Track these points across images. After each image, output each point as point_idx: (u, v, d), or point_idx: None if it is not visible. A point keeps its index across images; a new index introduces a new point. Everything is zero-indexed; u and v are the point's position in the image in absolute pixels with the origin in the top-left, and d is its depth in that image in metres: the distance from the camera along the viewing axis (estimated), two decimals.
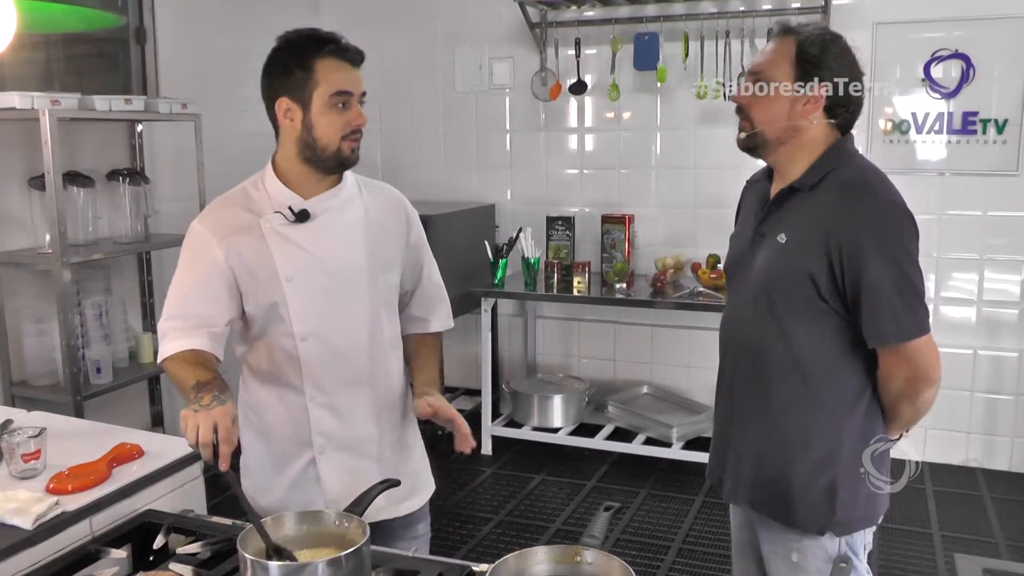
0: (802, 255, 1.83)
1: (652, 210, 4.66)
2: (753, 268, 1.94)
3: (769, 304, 1.89)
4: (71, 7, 1.90)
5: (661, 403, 4.65)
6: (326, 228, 1.98)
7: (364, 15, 5.01)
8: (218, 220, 2.00)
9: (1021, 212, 4.06)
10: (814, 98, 1.85)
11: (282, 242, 1.94)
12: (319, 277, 1.95)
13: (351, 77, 1.95)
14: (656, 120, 4.61)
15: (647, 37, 4.38)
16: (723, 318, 2.15)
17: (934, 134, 4.12)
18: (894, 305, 1.77)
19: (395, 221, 2.10)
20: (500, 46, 4.81)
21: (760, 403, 1.94)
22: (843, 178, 1.85)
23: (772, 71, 1.87)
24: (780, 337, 1.89)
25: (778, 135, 1.89)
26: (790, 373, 1.88)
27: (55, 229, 3.18)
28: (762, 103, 1.89)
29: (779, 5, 4.24)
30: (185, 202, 3.85)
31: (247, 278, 1.94)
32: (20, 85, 3.31)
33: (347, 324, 1.98)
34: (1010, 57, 3.96)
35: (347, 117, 1.94)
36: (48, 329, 3.40)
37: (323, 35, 1.97)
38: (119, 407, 3.73)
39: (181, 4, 4.13)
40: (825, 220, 1.81)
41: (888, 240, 1.78)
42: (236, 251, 1.93)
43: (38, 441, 1.93)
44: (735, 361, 2.05)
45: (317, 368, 1.96)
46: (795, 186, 1.89)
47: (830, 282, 1.80)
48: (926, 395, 1.85)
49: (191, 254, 1.98)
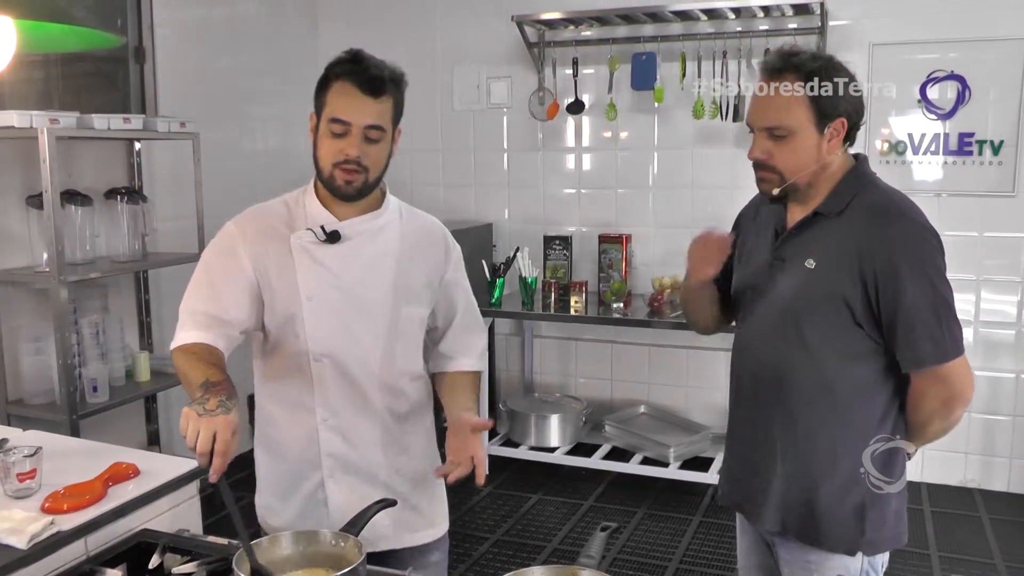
0: (835, 281, 1.82)
1: (649, 230, 4.67)
2: (775, 293, 1.93)
3: (797, 329, 1.87)
4: (70, 27, 1.90)
5: (658, 423, 4.64)
6: (355, 252, 1.95)
7: (362, 34, 5.02)
8: (251, 226, 1.98)
9: (1017, 233, 4.08)
10: (836, 132, 1.84)
11: (308, 260, 1.93)
12: (338, 299, 1.93)
13: (355, 106, 1.87)
14: (653, 140, 4.62)
15: (644, 57, 4.39)
16: (736, 343, 2.09)
17: (930, 155, 4.13)
18: (931, 327, 1.77)
19: (432, 254, 2.06)
20: (498, 65, 4.83)
21: (787, 428, 1.91)
22: (871, 203, 1.84)
23: (789, 122, 1.83)
24: (808, 362, 1.87)
25: (809, 179, 1.87)
26: (819, 397, 1.87)
27: (53, 248, 3.17)
28: (787, 155, 1.86)
29: (776, 26, 4.26)
30: (183, 221, 3.86)
31: (268, 289, 1.93)
32: (19, 103, 3.32)
33: (361, 350, 1.96)
34: (1005, 79, 3.98)
35: (341, 145, 1.88)
36: (45, 347, 3.39)
37: (349, 57, 1.91)
38: (115, 426, 3.72)
39: (180, 23, 4.15)
40: (857, 245, 1.80)
41: (922, 261, 1.79)
42: (262, 260, 1.93)
43: (34, 460, 1.93)
44: (755, 387, 2.00)
45: (330, 389, 1.95)
46: (820, 211, 1.87)
47: (865, 307, 1.80)
48: (958, 413, 1.85)
49: (219, 253, 1.97)
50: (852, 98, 1.85)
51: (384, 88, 1.88)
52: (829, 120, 1.83)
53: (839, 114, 1.83)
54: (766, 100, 1.88)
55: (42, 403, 3.42)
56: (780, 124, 1.84)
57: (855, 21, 4.17)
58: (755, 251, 2.03)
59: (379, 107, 1.88)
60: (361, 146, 1.87)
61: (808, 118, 1.82)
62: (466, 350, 2.14)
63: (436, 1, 4.94)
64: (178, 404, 4.07)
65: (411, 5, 4.97)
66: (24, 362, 3.42)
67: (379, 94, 1.88)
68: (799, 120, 1.83)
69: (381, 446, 1.98)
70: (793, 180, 1.86)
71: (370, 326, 1.96)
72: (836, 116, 1.83)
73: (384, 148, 1.93)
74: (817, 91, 1.82)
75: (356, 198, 1.93)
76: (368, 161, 1.89)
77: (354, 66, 1.88)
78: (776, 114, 1.85)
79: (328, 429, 1.95)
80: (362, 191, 1.92)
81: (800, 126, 1.83)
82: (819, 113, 1.82)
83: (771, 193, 1.91)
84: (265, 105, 4.78)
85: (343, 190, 1.90)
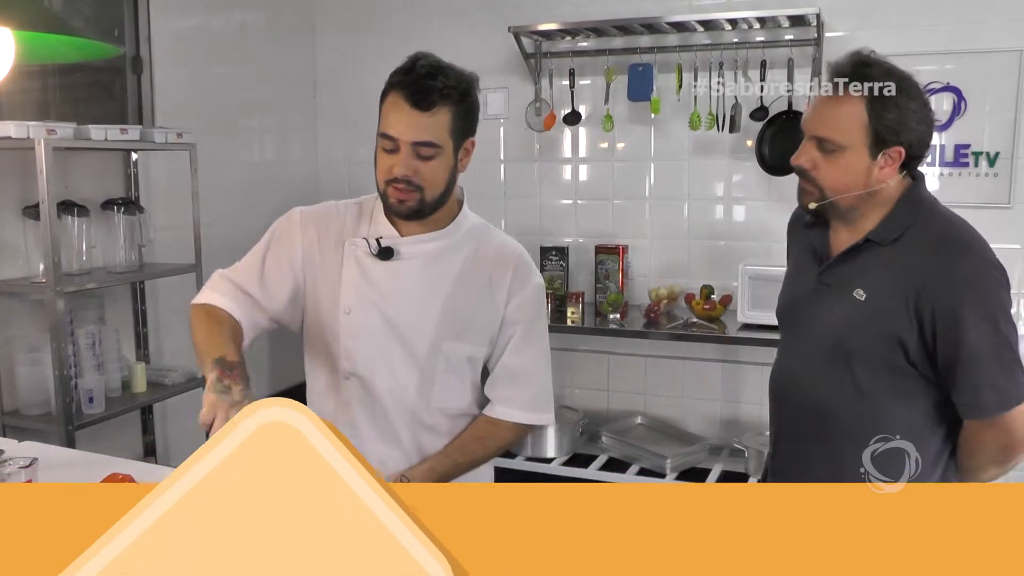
0: (888, 317, 1.70)
1: (646, 241, 4.68)
2: (821, 321, 1.82)
3: (847, 363, 1.76)
4: (69, 38, 1.90)
5: (655, 434, 4.64)
6: (408, 273, 1.84)
7: (360, 45, 5.04)
8: (315, 220, 1.90)
9: (1013, 244, 4.08)
10: (892, 159, 1.71)
11: (356, 271, 1.84)
12: (378, 320, 1.84)
13: (402, 120, 1.74)
14: (650, 151, 4.62)
15: (641, 68, 4.40)
16: (776, 368, 1.98)
17: (927, 166, 4.13)
18: (994, 373, 1.65)
19: (497, 285, 1.89)
20: (495, 76, 4.83)
21: (832, 467, 1.76)
22: (930, 234, 1.72)
23: (841, 138, 1.71)
24: (858, 398, 1.76)
25: (852, 203, 1.75)
26: (867, 438, 1.70)
27: (49, 258, 3.17)
28: (832, 172, 1.73)
29: (772, 38, 4.27)
30: (180, 232, 3.85)
31: (313, 292, 1.86)
32: (16, 114, 3.32)
33: (394, 380, 1.87)
34: (1001, 90, 3.99)
35: (391, 162, 1.76)
36: (41, 358, 3.38)
37: (406, 63, 1.81)
38: (111, 437, 3.71)
39: (178, 34, 4.15)
40: (914, 280, 1.68)
41: (986, 302, 1.67)
42: (313, 260, 1.86)
43: (29, 471, 1.92)
44: (798, 421, 1.90)
45: (357, 412, 1.88)
46: (872, 239, 1.75)
47: (920, 347, 1.68)
48: (1017, 460, 1.74)
49: (278, 237, 1.90)
50: (919, 127, 1.71)
51: (435, 101, 1.75)
52: (886, 146, 1.70)
53: (899, 142, 1.70)
54: (823, 106, 1.76)
55: (38, 414, 3.40)
56: (830, 137, 1.72)
57: (851, 33, 4.18)
58: (803, 269, 1.92)
59: (430, 121, 1.75)
60: (410, 163, 1.75)
61: (862, 139, 1.70)
62: (509, 396, 1.93)
63: (433, 12, 4.94)
64: (174, 416, 4.08)
65: (408, 16, 4.97)
66: (20, 373, 3.41)
67: (429, 107, 1.74)
68: (852, 138, 1.70)
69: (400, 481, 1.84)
70: (834, 200, 1.75)
71: (407, 356, 1.85)
72: (895, 143, 1.70)
73: (441, 164, 1.79)
74: (879, 112, 1.68)
75: (414, 218, 1.82)
76: (420, 180, 1.76)
77: (406, 76, 1.77)
78: (828, 125, 1.73)
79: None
80: (419, 211, 1.80)
81: (852, 144, 1.70)
82: (875, 136, 1.69)
83: (807, 206, 1.80)
84: (263, 115, 4.78)
85: (396, 208, 1.80)
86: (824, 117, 1.75)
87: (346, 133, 5.18)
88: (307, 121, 5.15)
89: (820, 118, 1.76)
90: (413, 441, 1.91)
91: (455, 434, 1.94)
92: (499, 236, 1.97)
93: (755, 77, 4.23)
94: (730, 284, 4.28)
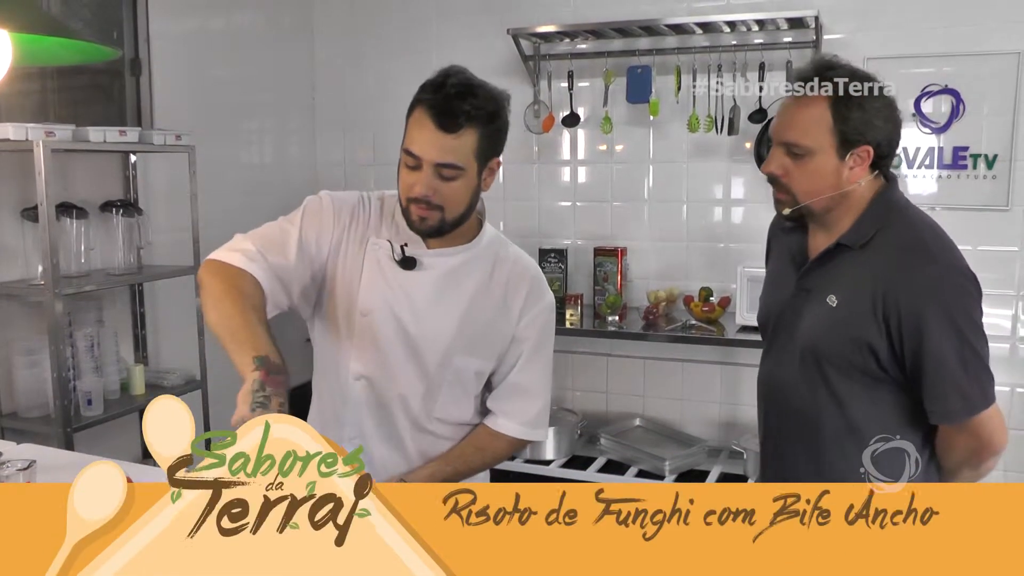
0: (858, 322, 1.71)
1: (645, 243, 4.67)
2: (799, 327, 1.83)
3: (819, 368, 1.78)
4: (67, 40, 1.90)
5: (654, 436, 4.63)
6: (428, 285, 1.83)
7: (359, 47, 5.04)
8: (347, 209, 1.86)
9: (1011, 247, 4.08)
10: (860, 159, 1.72)
11: (377, 274, 1.82)
12: (393, 327, 1.83)
13: (427, 139, 1.70)
14: (649, 153, 4.63)
15: (640, 70, 4.40)
16: (762, 373, 2.01)
17: (925, 168, 4.14)
18: (959, 379, 1.68)
19: (512, 304, 1.90)
20: (493, 78, 4.75)
21: (815, 468, 1.82)
22: (899, 239, 1.73)
23: (808, 142, 1.72)
24: (833, 403, 1.78)
25: (826, 205, 1.75)
26: (845, 439, 1.77)
27: (47, 260, 3.16)
28: (803, 176, 1.74)
29: (770, 40, 4.27)
30: (179, 234, 3.85)
31: (331, 281, 1.83)
32: (14, 116, 3.32)
33: (402, 387, 1.87)
34: (999, 93, 3.99)
35: (412, 179, 1.73)
36: (39, 361, 3.38)
37: (436, 78, 1.75)
38: (109, 439, 3.70)
39: (177, 36, 4.15)
40: (880, 286, 1.69)
41: (948, 308, 1.68)
42: (339, 250, 1.82)
43: (27, 474, 1.92)
44: (781, 423, 1.93)
45: (362, 412, 1.88)
46: (843, 243, 1.77)
47: (890, 352, 1.70)
48: (989, 464, 1.78)
49: (313, 212, 1.84)
50: (884, 126, 1.72)
51: (461, 123, 1.70)
52: (853, 146, 1.71)
53: (866, 141, 1.71)
54: (789, 111, 1.76)
55: (36, 416, 3.40)
56: (798, 142, 1.73)
57: (850, 35, 4.18)
58: (782, 276, 1.94)
59: (455, 143, 1.71)
60: (431, 183, 1.72)
61: (829, 141, 1.71)
62: (510, 414, 1.96)
63: (432, 14, 4.94)
64: None
65: (407, 18, 4.97)
66: (18, 375, 3.41)
67: (455, 130, 1.70)
68: (819, 141, 1.71)
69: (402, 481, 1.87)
70: (806, 204, 1.76)
71: (418, 366, 1.85)
72: (862, 143, 1.71)
73: (464, 185, 1.76)
74: (843, 114, 1.69)
75: (434, 235, 1.80)
76: (441, 199, 1.74)
77: (434, 94, 1.72)
78: (795, 129, 1.74)
79: (352, 448, 1.91)
80: (440, 230, 1.79)
81: (819, 147, 1.71)
82: (842, 137, 1.70)
83: (783, 213, 1.81)
84: (261, 118, 4.78)
85: (417, 226, 1.77)
86: (790, 122, 1.76)
87: (344, 135, 5.18)
88: (305, 123, 5.15)
89: (786, 124, 1.77)
90: (415, 446, 1.91)
91: (456, 439, 1.96)
92: (514, 251, 1.96)
93: (753, 79, 4.23)
94: (729, 286, 4.28)
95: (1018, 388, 4.19)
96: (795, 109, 1.76)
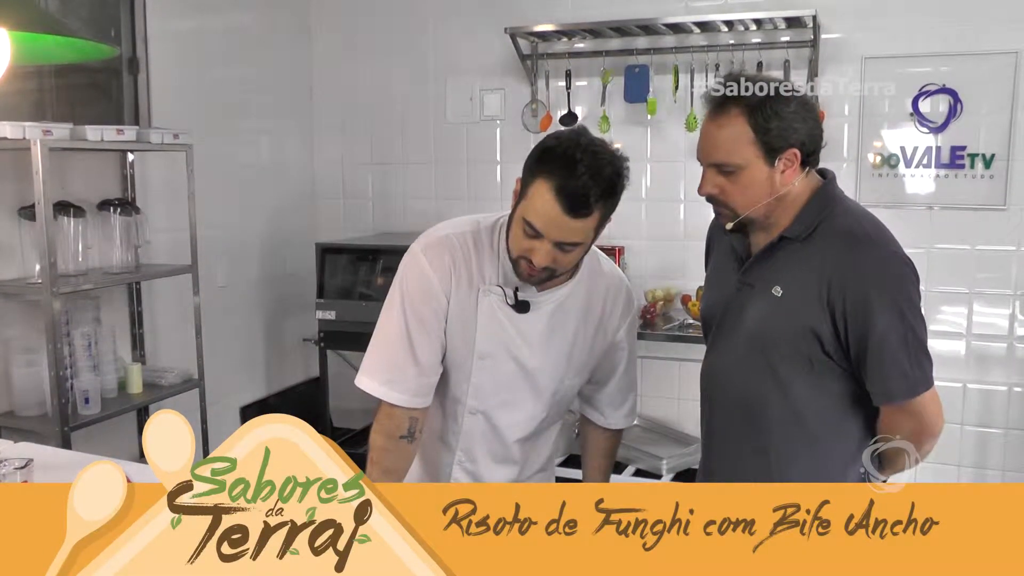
0: (803, 310, 1.76)
1: (642, 242, 4.67)
2: (742, 320, 1.87)
3: (766, 358, 1.82)
4: (65, 39, 1.90)
5: (651, 435, 4.64)
6: (541, 323, 1.89)
7: (356, 46, 5.04)
8: (449, 263, 1.86)
9: (1009, 246, 4.09)
10: (790, 162, 1.76)
11: (492, 320, 1.86)
12: (510, 367, 1.90)
13: (552, 219, 1.68)
14: (646, 152, 4.62)
15: (637, 70, 4.40)
16: (704, 369, 2.03)
17: (922, 168, 4.14)
18: (900, 361, 1.72)
19: (608, 313, 1.99)
20: (491, 78, 4.83)
21: (761, 458, 1.86)
22: (840, 228, 1.77)
23: (736, 159, 1.76)
24: (778, 391, 1.82)
25: (765, 211, 1.80)
26: (791, 427, 1.82)
27: (45, 259, 3.16)
28: (738, 191, 1.78)
29: (768, 39, 4.27)
30: (176, 233, 3.85)
31: (448, 332, 1.88)
32: (12, 115, 3.31)
33: (518, 414, 1.96)
34: (996, 92, 3.99)
35: (530, 246, 1.72)
36: (37, 360, 3.38)
37: (566, 157, 1.67)
38: (107, 438, 3.70)
39: (174, 35, 4.15)
40: (826, 273, 1.74)
41: (892, 293, 1.72)
42: (451, 309, 1.85)
43: (25, 473, 1.92)
44: (726, 416, 1.95)
45: (475, 439, 1.96)
46: (786, 236, 1.81)
47: (834, 337, 1.74)
48: (928, 446, 1.81)
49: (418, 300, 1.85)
50: (804, 125, 1.75)
51: (590, 209, 1.68)
52: (779, 152, 1.74)
53: (790, 145, 1.74)
54: (711, 135, 1.80)
55: (33, 415, 3.40)
56: (726, 161, 1.77)
57: (848, 34, 4.19)
58: (723, 273, 1.99)
59: (580, 225, 1.70)
60: (551, 254, 1.72)
61: (755, 153, 1.74)
62: (615, 408, 2.15)
63: (429, 14, 4.94)
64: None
65: (404, 18, 4.97)
66: (15, 374, 3.41)
67: (585, 216, 1.69)
68: (746, 156, 1.75)
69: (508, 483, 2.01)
70: (747, 215, 1.80)
71: (535, 396, 1.95)
72: (786, 147, 1.74)
73: (580, 252, 1.79)
74: (762, 124, 1.72)
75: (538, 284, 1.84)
76: (557, 266, 1.76)
77: (564, 178, 1.66)
78: (720, 150, 1.78)
79: (462, 470, 1.96)
80: (546, 282, 1.83)
81: (747, 162, 1.75)
82: (767, 147, 1.74)
83: (727, 227, 1.86)
84: (259, 117, 4.77)
85: (525, 279, 1.80)
86: (714, 144, 1.79)
87: (342, 135, 5.17)
88: (303, 122, 5.14)
89: (711, 146, 1.80)
90: (522, 456, 2.04)
91: (550, 437, 2.14)
92: (606, 263, 2.03)
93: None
94: None
95: (1016, 387, 4.19)
96: (715, 131, 1.79)
